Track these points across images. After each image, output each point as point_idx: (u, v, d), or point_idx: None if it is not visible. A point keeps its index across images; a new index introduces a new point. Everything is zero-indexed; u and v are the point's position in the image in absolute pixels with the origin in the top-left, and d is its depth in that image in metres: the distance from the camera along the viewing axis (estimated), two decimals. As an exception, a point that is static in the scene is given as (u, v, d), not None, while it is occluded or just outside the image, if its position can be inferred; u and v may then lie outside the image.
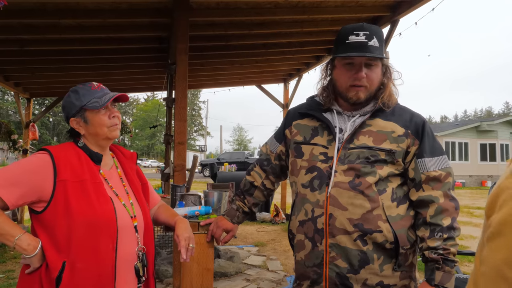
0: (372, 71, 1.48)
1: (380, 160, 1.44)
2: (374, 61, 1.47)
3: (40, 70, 6.42)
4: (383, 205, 1.41)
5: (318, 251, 1.46)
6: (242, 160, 24.19)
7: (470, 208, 11.28)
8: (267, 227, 8.04)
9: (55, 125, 49.09)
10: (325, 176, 1.47)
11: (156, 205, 1.80)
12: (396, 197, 1.45)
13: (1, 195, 1.28)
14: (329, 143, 1.51)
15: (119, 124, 1.55)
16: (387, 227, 1.40)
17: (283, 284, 4.39)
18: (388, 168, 1.44)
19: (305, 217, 1.50)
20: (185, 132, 3.76)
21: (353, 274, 1.41)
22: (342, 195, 1.43)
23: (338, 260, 1.42)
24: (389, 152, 1.44)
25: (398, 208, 1.44)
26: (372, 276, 1.41)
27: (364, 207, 1.41)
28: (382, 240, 1.40)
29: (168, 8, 4.21)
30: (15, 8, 3.97)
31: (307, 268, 1.51)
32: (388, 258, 1.42)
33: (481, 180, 22.09)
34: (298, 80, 8.45)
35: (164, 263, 4.59)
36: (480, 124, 22.86)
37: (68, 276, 1.29)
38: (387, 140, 1.45)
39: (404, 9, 4.51)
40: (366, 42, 1.43)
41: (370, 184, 1.42)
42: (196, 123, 58.62)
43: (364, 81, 1.46)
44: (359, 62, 1.46)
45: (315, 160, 1.52)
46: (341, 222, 1.42)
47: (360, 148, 1.45)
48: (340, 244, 1.42)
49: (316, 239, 1.47)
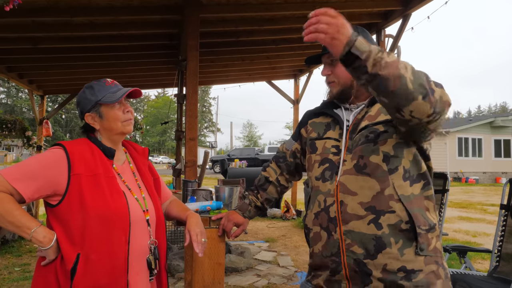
0: (336, 67, 1.56)
1: (380, 133, 1.43)
2: (333, 57, 1.54)
3: (53, 67, 6.51)
4: (393, 184, 1.39)
5: (334, 240, 1.46)
6: (252, 156, 24.21)
7: (484, 205, 11.14)
8: (277, 223, 8.05)
9: (67, 122, 49.72)
10: (335, 167, 1.50)
11: (168, 199, 1.82)
12: (408, 176, 1.42)
13: (18, 188, 1.31)
14: (340, 136, 1.55)
15: (133, 119, 1.58)
16: (399, 206, 1.37)
17: (294, 279, 4.41)
18: (393, 140, 1.42)
19: (319, 208, 1.52)
20: (196, 128, 3.79)
21: (371, 260, 1.38)
22: (351, 180, 1.43)
23: (354, 246, 1.41)
24: (386, 122, 1.44)
25: (412, 187, 1.42)
26: (392, 261, 1.37)
27: (374, 189, 1.40)
28: (397, 221, 1.37)
29: (179, 5, 4.23)
30: (29, 7, 4.03)
31: (325, 258, 1.50)
32: (407, 241, 1.37)
33: (495, 176, 21.76)
34: (309, 75, 8.42)
35: (176, 257, 4.63)
36: (494, 119, 22.50)
37: (83, 268, 1.32)
38: (382, 114, 1.47)
39: (416, 3, 4.45)
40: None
41: (376, 164, 1.41)
42: (206, 120, 58.83)
43: (331, 77, 1.59)
44: (324, 63, 1.61)
45: (327, 152, 1.55)
46: (352, 208, 1.42)
47: (360, 132, 1.48)
48: (354, 230, 1.41)
49: (331, 228, 1.47)
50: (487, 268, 3.69)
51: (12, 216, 1.30)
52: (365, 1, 4.65)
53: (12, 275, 4.56)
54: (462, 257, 3.29)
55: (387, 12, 4.97)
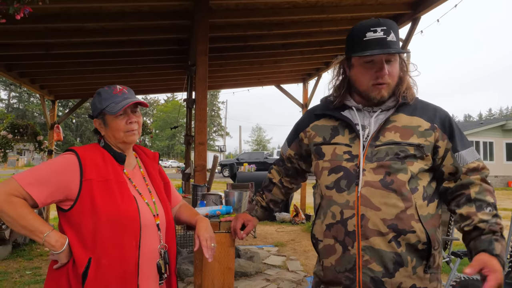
0: (393, 67, 1.44)
1: (410, 155, 1.39)
2: (393, 57, 1.44)
3: (65, 73, 6.60)
4: (415, 204, 1.36)
5: (350, 255, 1.38)
6: (261, 160, 24.20)
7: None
8: (286, 227, 8.03)
9: (78, 126, 50.23)
10: (353, 176, 1.41)
11: (177, 204, 1.83)
12: (426, 196, 1.41)
13: (31, 193, 1.33)
14: (352, 141, 1.47)
15: (138, 129, 1.56)
16: (419, 227, 1.35)
17: (303, 284, 4.38)
18: (418, 164, 1.40)
19: (333, 220, 1.43)
20: (205, 132, 3.80)
21: (389, 278, 1.34)
22: (374, 194, 1.37)
23: (372, 263, 1.35)
24: (418, 146, 1.40)
25: (428, 207, 1.40)
26: (407, 279, 1.35)
27: (398, 207, 1.35)
28: (415, 241, 1.35)
29: (188, 10, 4.27)
30: (41, 14, 4.10)
31: (338, 274, 1.42)
32: (419, 259, 1.37)
33: (507, 180, 21.45)
34: (318, 79, 8.41)
35: (185, 262, 4.64)
36: (506, 122, 22.20)
37: (94, 272, 1.34)
38: (414, 135, 1.41)
39: (426, 7, 4.44)
40: (385, 37, 1.39)
41: (403, 182, 1.37)
42: (215, 124, 58.99)
43: (387, 78, 1.43)
44: (380, 60, 1.41)
45: (339, 159, 1.47)
46: (374, 223, 1.35)
47: (388, 145, 1.41)
48: (374, 247, 1.35)
49: (347, 242, 1.38)
50: (500, 274, 3.63)
51: (25, 220, 1.32)
52: (374, 5, 4.64)
53: (23, 279, 4.61)
54: (474, 263, 3.24)
55: (396, 15, 4.96)
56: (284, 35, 5.45)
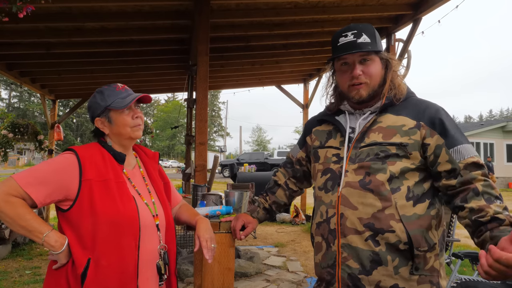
0: (369, 66, 1.48)
1: (391, 155, 1.40)
2: (368, 56, 1.48)
3: (65, 72, 6.61)
4: (396, 204, 1.37)
5: (332, 251, 1.46)
6: (261, 160, 24.19)
7: (496, 211, 10.96)
8: (286, 227, 8.02)
9: (78, 126, 50.28)
10: (337, 177, 1.48)
11: (177, 204, 1.83)
12: (412, 196, 1.40)
13: (29, 193, 1.32)
14: (341, 144, 1.53)
15: (142, 124, 1.58)
16: (400, 227, 1.36)
17: (303, 285, 4.38)
18: (401, 163, 1.40)
19: (321, 219, 1.52)
20: (206, 132, 3.79)
21: (365, 275, 1.38)
22: (353, 194, 1.42)
23: (350, 260, 1.41)
24: (400, 145, 1.40)
25: (415, 207, 1.39)
26: (386, 278, 1.37)
27: (375, 206, 1.38)
28: (395, 241, 1.36)
29: (189, 10, 4.27)
30: (42, 13, 4.10)
31: (322, 269, 1.51)
32: (404, 260, 1.37)
33: (507, 182, 21.44)
34: (318, 80, 8.41)
35: (185, 262, 4.63)
36: (507, 124, 22.19)
37: (93, 273, 1.33)
38: (397, 134, 1.42)
39: (427, 7, 4.43)
40: (355, 40, 1.46)
41: (381, 182, 1.39)
42: (215, 124, 59.02)
43: (362, 78, 1.48)
44: (352, 61, 1.49)
45: (328, 162, 1.54)
46: (351, 222, 1.41)
47: (370, 146, 1.44)
48: (351, 244, 1.41)
49: (330, 240, 1.47)
50: (501, 275, 3.62)
51: (24, 220, 1.31)
52: (375, 5, 4.63)
53: (22, 278, 4.60)
54: (474, 264, 3.25)
55: (397, 16, 4.95)
56: (285, 35, 5.45)
